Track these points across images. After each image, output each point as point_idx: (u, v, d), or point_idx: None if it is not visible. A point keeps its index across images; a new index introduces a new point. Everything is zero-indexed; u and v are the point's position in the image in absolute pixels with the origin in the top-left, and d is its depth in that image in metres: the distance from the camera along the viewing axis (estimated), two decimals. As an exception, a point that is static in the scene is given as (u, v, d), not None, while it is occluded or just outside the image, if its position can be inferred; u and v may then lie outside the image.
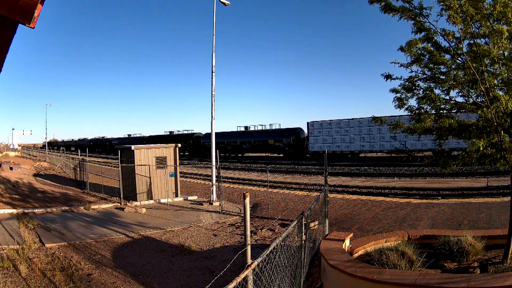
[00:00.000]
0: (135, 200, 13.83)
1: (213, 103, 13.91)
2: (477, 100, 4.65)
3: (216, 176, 13.58)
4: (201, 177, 23.37)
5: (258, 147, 40.22)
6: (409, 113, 5.17)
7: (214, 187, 13.58)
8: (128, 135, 65.68)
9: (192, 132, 50.90)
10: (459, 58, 4.61)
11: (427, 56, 4.83)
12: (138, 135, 63.36)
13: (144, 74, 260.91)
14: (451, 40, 4.54)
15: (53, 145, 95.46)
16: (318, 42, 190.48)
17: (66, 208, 12.48)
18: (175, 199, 14.45)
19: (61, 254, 7.61)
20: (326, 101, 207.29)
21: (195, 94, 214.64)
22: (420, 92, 4.93)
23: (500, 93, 4.31)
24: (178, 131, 54.42)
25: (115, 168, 24.82)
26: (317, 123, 34.30)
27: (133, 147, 14.41)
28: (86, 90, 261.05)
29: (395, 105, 5.05)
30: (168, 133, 54.67)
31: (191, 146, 48.71)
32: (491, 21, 4.29)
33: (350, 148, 32.22)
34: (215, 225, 10.31)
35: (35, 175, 25.00)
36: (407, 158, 5.28)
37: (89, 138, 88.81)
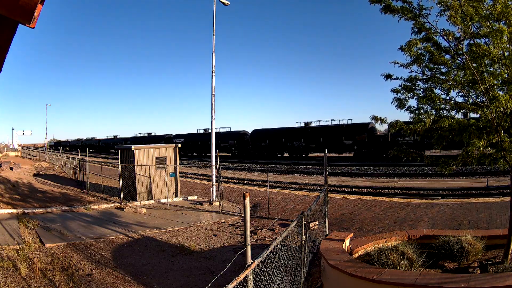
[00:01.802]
0: (135, 200, 13.83)
1: (213, 103, 13.92)
2: (477, 100, 4.65)
3: (216, 176, 13.58)
4: (201, 177, 23.36)
5: None
6: (409, 113, 5.15)
7: (214, 187, 13.58)
8: (204, 129, 47.59)
9: (360, 122, 32.62)
10: (459, 58, 4.61)
11: (427, 56, 4.83)
12: (223, 129, 44.73)
13: (144, 74, 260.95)
14: (451, 40, 4.54)
15: (63, 146, 79.52)
16: (318, 42, 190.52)
17: (66, 208, 12.48)
18: (175, 199, 14.45)
19: (61, 254, 7.61)
20: (326, 101, 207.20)
21: (196, 94, 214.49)
22: (420, 92, 4.93)
23: (500, 93, 4.31)
24: (339, 120, 33.75)
25: (115, 168, 24.82)
26: None
27: (133, 147, 14.41)
28: (86, 90, 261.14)
29: (395, 106, 5.05)
30: (304, 125, 37.44)
31: (362, 144, 31.29)
32: (490, 21, 4.29)
33: None
34: (215, 225, 10.31)
35: (35, 175, 25.00)
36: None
37: (120, 136, 65.31)
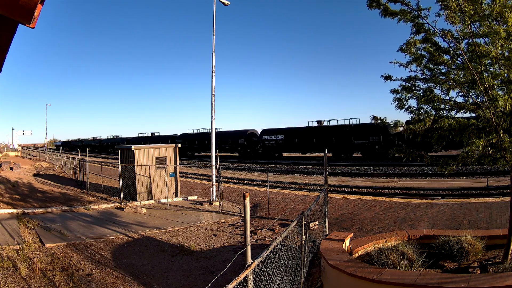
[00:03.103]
0: (135, 200, 13.83)
1: (213, 103, 13.93)
2: (477, 100, 4.64)
3: (216, 176, 13.58)
4: (201, 177, 23.36)
5: None
6: (409, 113, 5.15)
7: (214, 187, 13.58)
8: (318, 121, 36.01)
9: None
10: (459, 59, 4.61)
11: (427, 56, 4.83)
12: (335, 121, 33.78)
13: (144, 74, 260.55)
14: (450, 40, 4.54)
15: (73, 145, 75.18)
16: (317, 42, 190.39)
17: (66, 208, 12.49)
18: (175, 199, 14.45)
19: (61, 254, 7.61)
20: (327, 101, 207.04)
21: (196, 94, 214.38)
22: (420, 92, 4.93)
23: (500, 93, 4.31)
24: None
25: (115, 168, 24.82)
26: None
27: (133, 147, 14.41)
28: (87, 90, 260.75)
29: (395, 106, 5.05)
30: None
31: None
32: (489, 21, 4.29)
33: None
34: (215, 225, 10.31)
35: (35, 175, 25.00)
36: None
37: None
